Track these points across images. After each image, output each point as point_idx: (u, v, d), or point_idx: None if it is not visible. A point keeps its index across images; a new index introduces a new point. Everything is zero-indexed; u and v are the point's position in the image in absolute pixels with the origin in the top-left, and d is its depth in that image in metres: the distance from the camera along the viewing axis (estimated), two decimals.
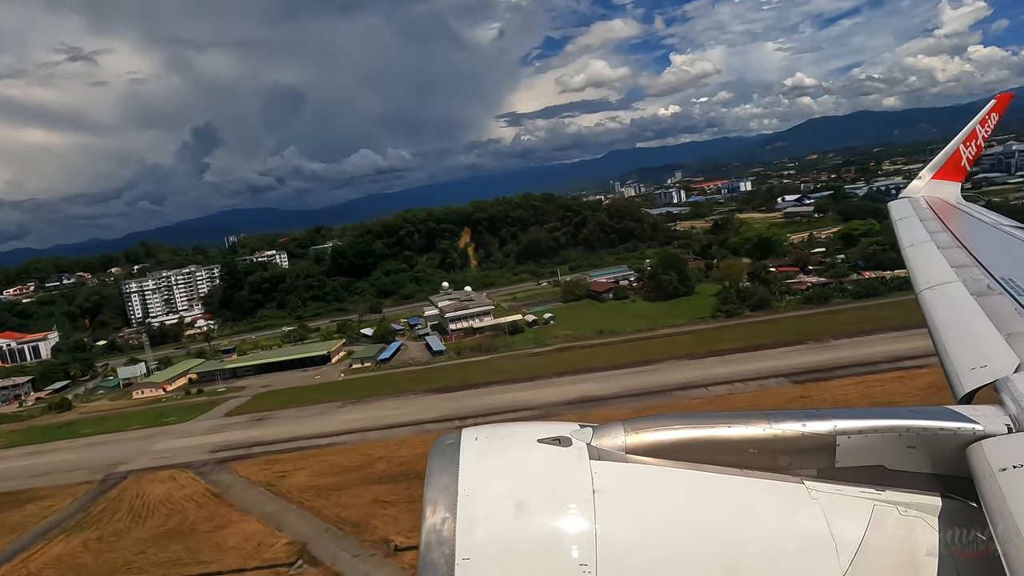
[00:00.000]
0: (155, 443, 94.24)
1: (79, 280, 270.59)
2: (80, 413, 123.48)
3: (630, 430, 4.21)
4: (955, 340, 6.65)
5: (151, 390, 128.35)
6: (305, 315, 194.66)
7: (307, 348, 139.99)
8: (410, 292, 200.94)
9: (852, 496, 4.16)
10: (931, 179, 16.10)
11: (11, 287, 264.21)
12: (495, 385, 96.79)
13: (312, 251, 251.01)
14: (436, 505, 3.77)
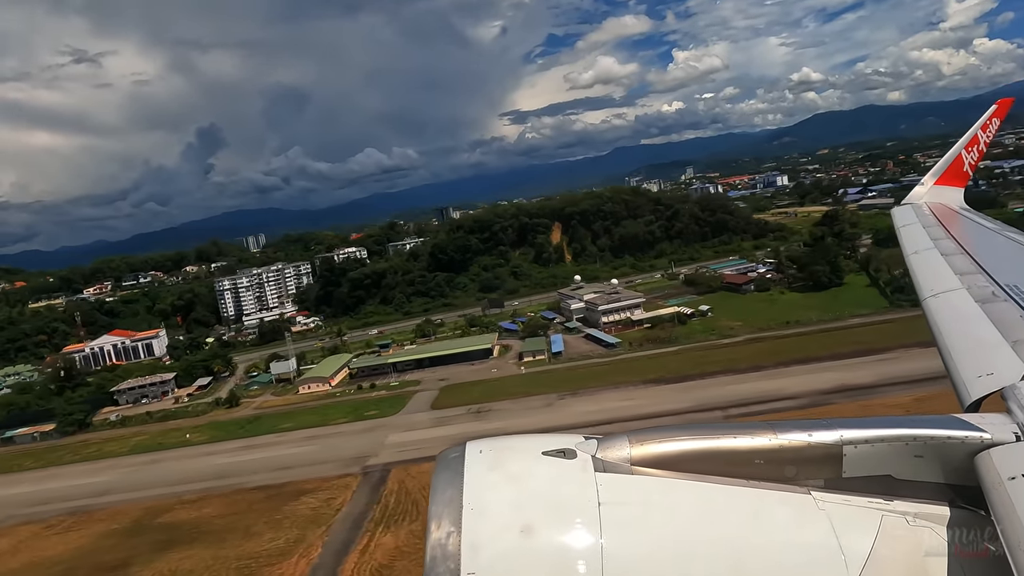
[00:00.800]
0: (385, 436, 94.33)
1: (154, 279, 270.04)
2: (254, 408, 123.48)
3: (635, 442, 4.27)
4: (961, 348, 6.68)
5: (318, 385, 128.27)
6: (413, 310, 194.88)
7: (466, 342, 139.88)
8: (513, 287, 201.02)
9: (860, 506, 4.20)
10: (934, 185, 16.03)
11: (88, 286, 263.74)
12: (720, 376, 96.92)
13: (389, 247, 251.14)
14: (441, 520, 3.74)
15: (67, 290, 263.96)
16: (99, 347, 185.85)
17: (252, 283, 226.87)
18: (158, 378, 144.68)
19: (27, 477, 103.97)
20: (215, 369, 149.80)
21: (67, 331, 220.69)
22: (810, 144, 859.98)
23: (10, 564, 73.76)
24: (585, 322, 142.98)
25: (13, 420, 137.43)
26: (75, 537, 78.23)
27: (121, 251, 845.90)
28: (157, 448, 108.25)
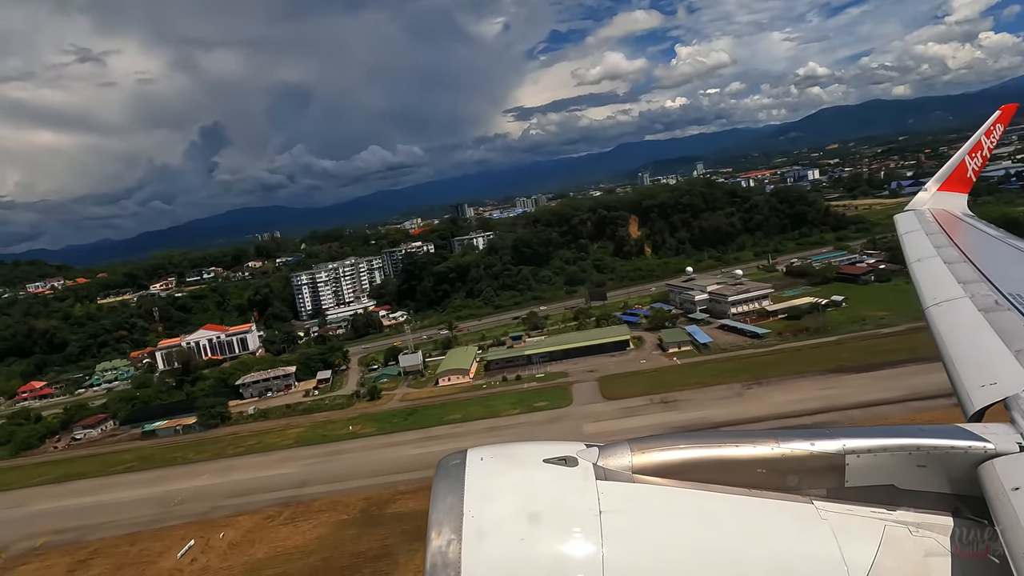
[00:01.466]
0: (578, 426, 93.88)
1: (216, 274, 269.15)
2: (399, 400, 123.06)
3: (637, 450, 4.25)
4: (964, 357, 6.66)
5: (458, 377, 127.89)
6: (503, 304, 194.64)
7: (599, 333, 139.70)
8: (600, 280, 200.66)
9: (863, 516, 4.18)
10: (937, 191, 15.97)
11: (152, 281, 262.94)
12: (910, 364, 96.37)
13: (454, 242, 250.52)
14: (441, 527, 3.74)
15: (132, 286, 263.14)
16: (195, 341, 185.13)
17: (330, 278, 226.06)
18: (280, 371, 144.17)
19: (204, 469, 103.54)
20: (335, 363, 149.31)
21: (145, 326, 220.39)
22: (817, 139, 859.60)
23: (256, 554, 73.43)
24: (711, 313, 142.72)
25: (140, 415, 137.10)
26: (308, 527, 77.82)
27: (128, 250, 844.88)
28: (324, 440, 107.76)
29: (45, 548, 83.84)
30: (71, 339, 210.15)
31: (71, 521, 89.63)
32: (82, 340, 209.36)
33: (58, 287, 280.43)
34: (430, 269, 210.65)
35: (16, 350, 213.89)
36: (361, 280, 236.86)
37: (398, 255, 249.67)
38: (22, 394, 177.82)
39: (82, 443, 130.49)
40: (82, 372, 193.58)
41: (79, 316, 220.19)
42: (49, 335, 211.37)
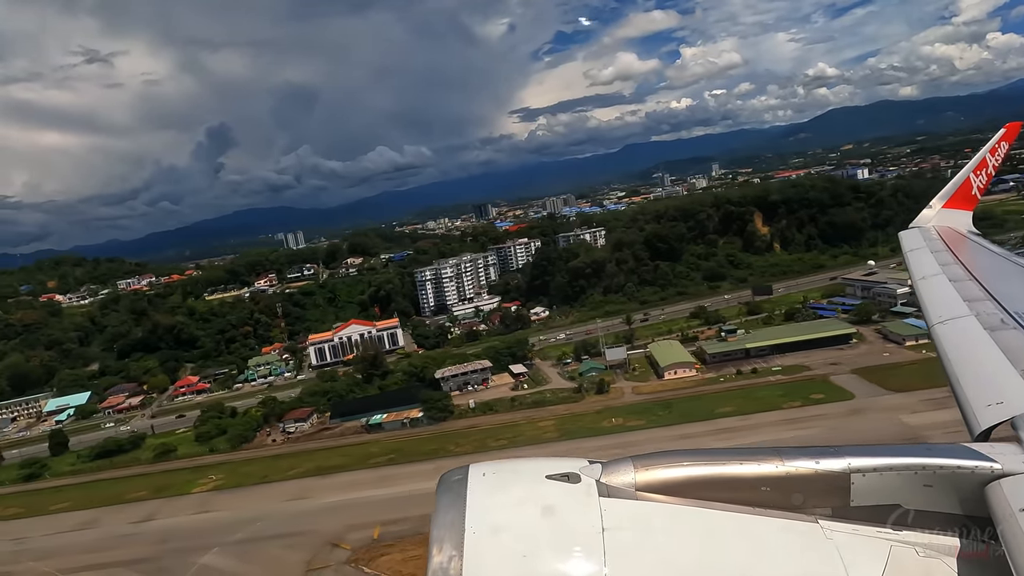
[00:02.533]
0: (900, 418, 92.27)
1: (314, 272, 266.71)
2: (636, 394, 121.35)
3: (640, 467, 4.24)
4: (970, 376, 6.61)
5: (684, 370, 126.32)
6: (649, 299, 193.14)
7: (819, 326, 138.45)
8: (740, 276, 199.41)
9: (868, 536, 4.13)
10: (942, 208, 15.83)
11: (256, 278, 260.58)
12: None
13: (559, 238, 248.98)
14: (443, 543, 3.74)
15: (235, 282, 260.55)
16: (347, 336, 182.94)
17: (455, 273, 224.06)
18: (478, 365, 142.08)
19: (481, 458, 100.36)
20: (529, 356, 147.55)
21: (268, 322, 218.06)
22: (827, 140, 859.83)
23: None
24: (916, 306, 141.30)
25: (343, 408, 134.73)
26: None
27: (135, 250, 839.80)
28: (594, 433, 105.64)
29: (384, 539, 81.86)
30: (198, 335, 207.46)
31: (387, 513, 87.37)
32: (211, 336, 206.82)
33: (152, 283, 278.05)
34: (562, 265, 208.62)
35: (140, 346, 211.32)
36: (479, 276, 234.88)
37: (506, 252, 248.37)
38: (179, 389, 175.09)
39: (297, 436, 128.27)
40: (220, 367, 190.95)
41: (203, 312, 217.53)
42: (176, 331, 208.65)
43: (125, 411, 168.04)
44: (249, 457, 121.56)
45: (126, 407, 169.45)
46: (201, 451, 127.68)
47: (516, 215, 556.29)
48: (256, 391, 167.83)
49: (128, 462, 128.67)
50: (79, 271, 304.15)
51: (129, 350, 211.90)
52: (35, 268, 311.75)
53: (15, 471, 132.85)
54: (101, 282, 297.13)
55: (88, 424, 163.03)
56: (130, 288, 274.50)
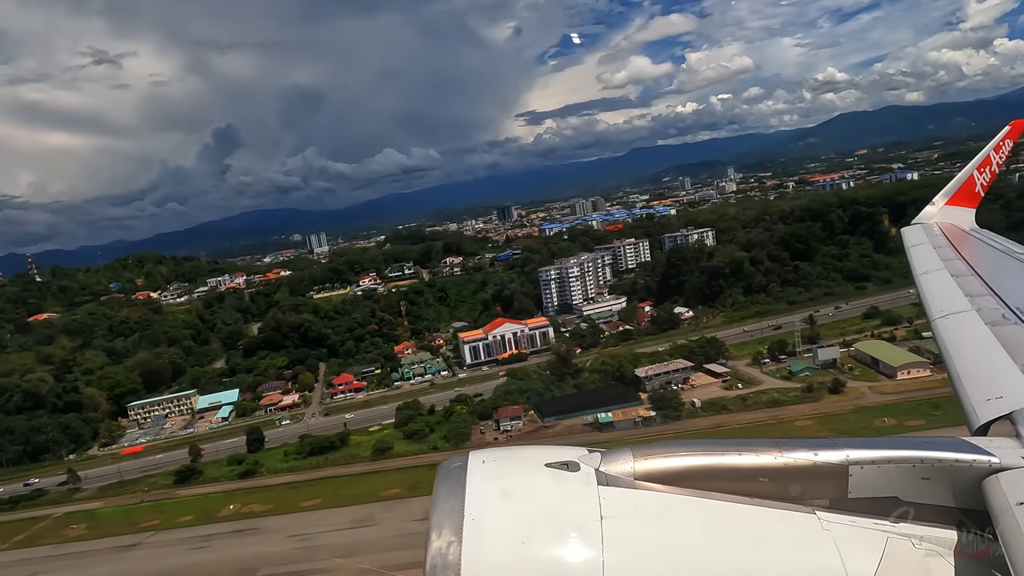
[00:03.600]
0: None
1: (414, 271, 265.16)
2: (879, 394, 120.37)
3: (639, 456, 4.25)
4: (970, 370, 6.66)
5: (918, 370, 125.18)
6: (796, 299, 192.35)
7: None
8: (885, 277, 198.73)
9: (865, 528, 4.16)
10: (945, 205, 15.98)
11: (357, 276, 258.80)
12: None
13: (666, 238, 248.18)
14: (442, 529, 3.76)
15: (336, 280, 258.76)
16: (499, 335, 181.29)
17: (581, 272, 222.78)
18: (678, 364, 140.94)
19: None
20: (726, 354, 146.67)
21: (392, 321, 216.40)
22: (837, 145, 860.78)
23: None
24: None
25: (549, 407, 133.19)
26: None
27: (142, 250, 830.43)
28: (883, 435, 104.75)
29: None
30: (327, 333, 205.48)
31: None
32: (340, 334, 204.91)
33: (248, 282, 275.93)
34: (696, 264, 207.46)
35: (264, 344, 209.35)
36: (598, 275, 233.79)
37: (615, 252, 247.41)
38: (337, 387, 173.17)
39: (514, 433, 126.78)
40: (359, 366, 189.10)
41: (327, 310, 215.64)
42: (304, 329, 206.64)
43: (288, 408, 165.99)
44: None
45: (288, 404, 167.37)
46: (418, 448, 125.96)
47: (541, 217, 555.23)
48: (417, 389, 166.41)
49: (344, 459, 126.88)
50: (163, 269, 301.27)
51: (255, 348, 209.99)
52: (117, 265, 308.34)
53: (224, 467, 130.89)
54: (187, 280, 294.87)
55: (255, 421, 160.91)
56: (226, 287, 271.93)
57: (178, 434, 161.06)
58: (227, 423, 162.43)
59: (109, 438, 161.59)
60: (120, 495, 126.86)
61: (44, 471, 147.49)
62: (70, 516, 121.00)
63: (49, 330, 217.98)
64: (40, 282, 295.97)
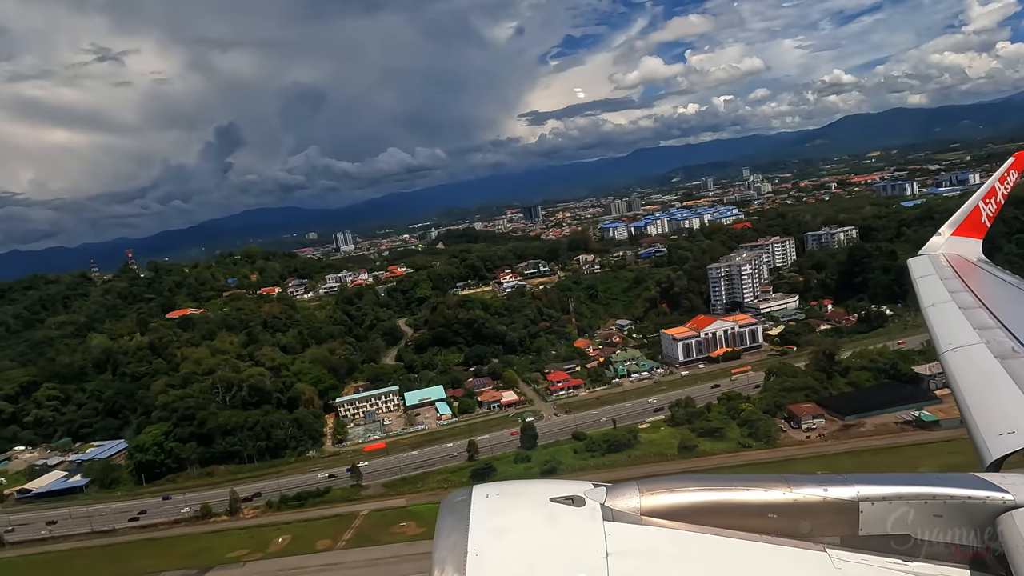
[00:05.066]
0: None
1: (549, 268, 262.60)
2: None
3: (645, 491, 4.23)
4: (981, 405, 6.71)
5: None
6: None
7: None
8: None
9: (877, 566, 4.12)
10: (951, 236, 15.95)
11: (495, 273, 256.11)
12: None
13: (808, 237, 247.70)
14: (444, 566, 3.68)
15: (474, 277, 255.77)
16: (711, 332, 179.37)
17: (754, 269, 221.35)
18: None
19: None
20: None
21: (559, 317, 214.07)
22: (844, 147, 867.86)
23: None
24: None
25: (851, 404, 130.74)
26: None
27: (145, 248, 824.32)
28: None
29: None
30: (501, 330, 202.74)
31: None
32: (518, 331, 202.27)
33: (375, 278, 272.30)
34: (878, 261, 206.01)
35: (438, 340, 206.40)
36: (761, 273, 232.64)
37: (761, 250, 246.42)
38: (556, 384, 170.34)
39: (820, 431, 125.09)
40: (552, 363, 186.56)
41: (497, 307, 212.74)
42: (477, 325, 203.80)
43: (514, 405, 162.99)
44: (812, 453, 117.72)
45: (512, 401, 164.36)
46: (727, 447, 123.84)
47: (567, 217, 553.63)
48: (642, 387, 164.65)
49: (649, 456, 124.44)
50: (276, 264, 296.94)
51: (425, 344, 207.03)
52: (229, 261, 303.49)
53: (512, 464, 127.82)
54: (303, 276, 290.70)
55: (488, 417, 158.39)
56: (352, 283, 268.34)
57: (410, 431, 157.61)
58: (455, 420, 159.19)
59: (343, 434, 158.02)
60: (417, 492, 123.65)
61: (291, 468, 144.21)
62: (381, 513, 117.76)
63: (209, 325, 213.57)
64: (145, 277, 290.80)
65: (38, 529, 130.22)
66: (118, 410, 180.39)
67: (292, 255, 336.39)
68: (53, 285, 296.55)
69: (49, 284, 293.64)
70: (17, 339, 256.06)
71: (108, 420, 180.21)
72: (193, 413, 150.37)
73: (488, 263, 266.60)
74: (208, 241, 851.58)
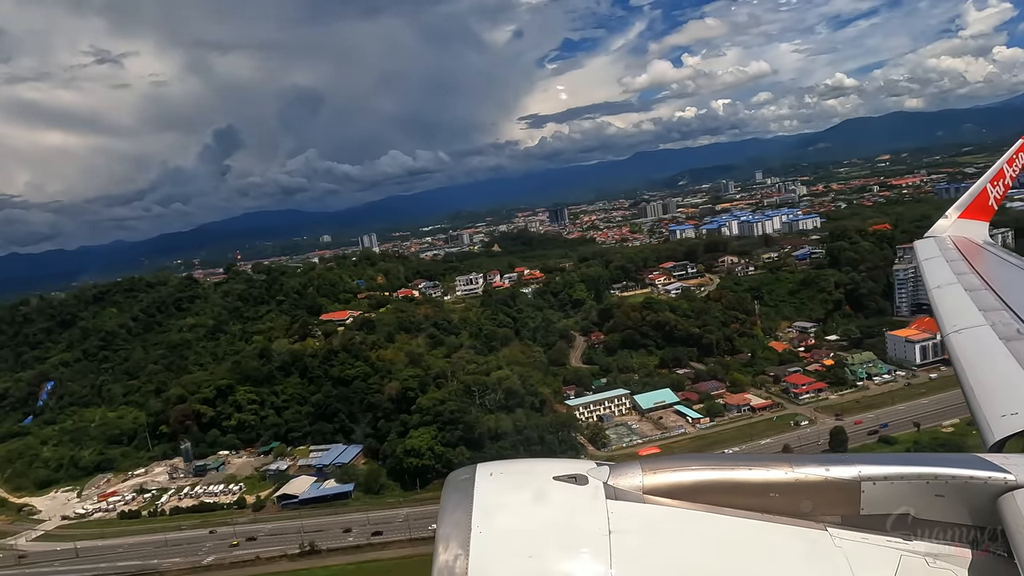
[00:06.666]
0: None
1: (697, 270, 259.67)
2: None
3: (648, 470, 4.35)
4: (985, 386, 6.79)
5: None
6: None
7: None
8: None
9: (878, 545, 4.22)
10: (958, 218, 16.25)
11: None
12: None
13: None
14: (448, 541, 3.78)
15: (624, 279, 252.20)
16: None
17: None
18: None
19: None
20: None
21: (744, 318, 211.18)
22: (849, 150, 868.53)
23: None
24: None
25: None
26: None
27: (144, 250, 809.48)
28: None
29: None
30: (695, 332, 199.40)
31: None
32: (713, 333, 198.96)
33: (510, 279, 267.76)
34: None
35: (626, 342, 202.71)
36: None
37: None
38: (800, 387, 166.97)
39: None
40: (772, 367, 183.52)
41: (685, 309, 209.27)
42: (669, 328, 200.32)
43: (765, 409, 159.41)
44: None
45: (763, 405, 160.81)
46: None
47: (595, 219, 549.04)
48: (894, 390, 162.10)
49: None
50: (401, 267, 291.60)
51: (614, 347, 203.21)
52: (350, 263, 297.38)
53: None
54: (428, 278, 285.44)
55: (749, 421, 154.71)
56: (493, 284, 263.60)
57: (671, 434, 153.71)
58: (712, 423, 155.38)
59: (604, 438, 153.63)
60: None
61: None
62: None
63: (388, 327, 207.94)
64: (264, 279, 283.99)
65: (336, 537, 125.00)
66: (332, 414, 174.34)
67: (404, 257, 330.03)
68: (163, 288, 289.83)
69: (151, 287, 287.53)
70: (139, 341, 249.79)
71: (320, 424, 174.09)
72: (458, 417, 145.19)
73: (633, 265, 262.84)
74: (208, 243, 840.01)
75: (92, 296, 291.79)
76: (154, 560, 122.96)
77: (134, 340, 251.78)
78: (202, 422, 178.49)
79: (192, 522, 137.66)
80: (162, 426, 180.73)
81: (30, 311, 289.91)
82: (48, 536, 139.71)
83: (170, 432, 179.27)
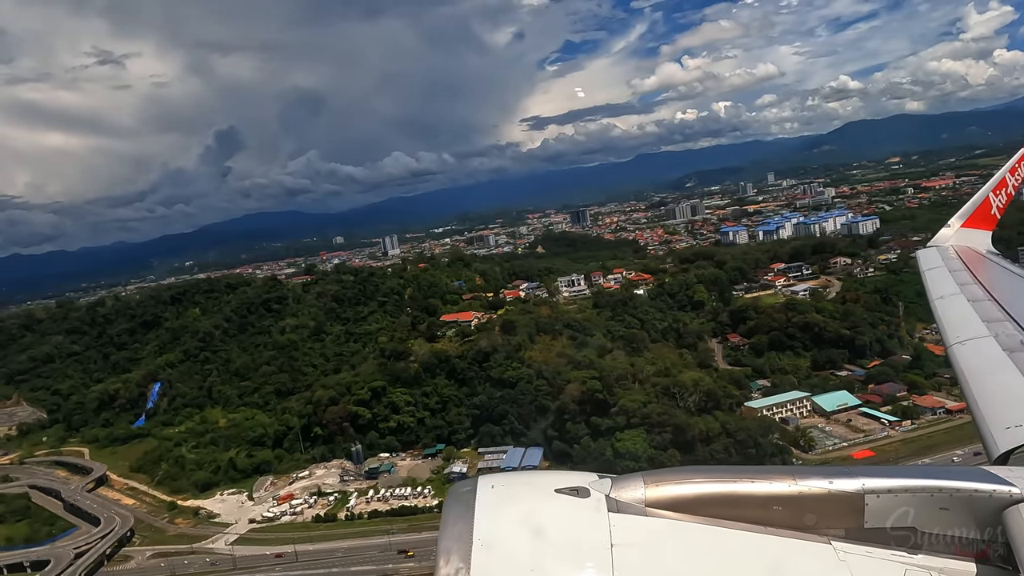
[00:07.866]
0: None
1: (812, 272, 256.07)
2: None
3: (650, 483, 4.31)
4: (989, 398, 6.76)
5: None
6: None
7: None
8: None
9: (882, 559, 4.17)
10: (960, 227, 15.97)
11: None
12: None
13: None
14: (450, 555, 3.73)
15: (741, 280, 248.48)
16: None
17: None
18: None
19: None
20: None
21: (889, 320, 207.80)
22: (854, 152, 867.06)
23: None
24: None
25: None
26: None
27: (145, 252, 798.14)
28: None
29: None
30: (844, 334, 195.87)
31: None
32: (867, 334, 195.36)
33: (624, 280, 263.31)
34: None
35: (775, 344, 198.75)
36: None
37: None
38: None
39: None
40: None
41: (831, 310, 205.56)
42: (816, 329, 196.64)
43: (960, 412, 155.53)
44: None
45: (958, 408, 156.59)
46: None
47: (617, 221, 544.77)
48: None
49: None
50: (497, 268, 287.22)
51: (762, 348, 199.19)
52: (444, 264, 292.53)
53: None
54: (525, 278, 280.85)
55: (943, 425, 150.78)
56: (604, 285, 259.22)
57: (874, 437, 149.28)
58: (912, 426, 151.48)
59: (809, 442, 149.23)
60: None
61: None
62: None
63: (528, 329, 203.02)
64: (355, 280, 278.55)
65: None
66: (501, 415, 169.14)
67: (489, 258, 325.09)
68: (248, 289, 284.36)
69: (232, 288, 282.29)
70: (235, 342, 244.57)
71: (488, 426, 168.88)
72: (665, 420, 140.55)
73: (743, 265, 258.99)
74: (211, 245, 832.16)
75: (169, 297, 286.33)
76: (388, 565, 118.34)
77: (230, 341, 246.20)
78: (358, 424, 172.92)
79: (400, 525, 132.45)
80: (316, 428, 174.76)
81: (109, 311, 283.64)
82: (244, 540, 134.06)
83: (325, 434, 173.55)
